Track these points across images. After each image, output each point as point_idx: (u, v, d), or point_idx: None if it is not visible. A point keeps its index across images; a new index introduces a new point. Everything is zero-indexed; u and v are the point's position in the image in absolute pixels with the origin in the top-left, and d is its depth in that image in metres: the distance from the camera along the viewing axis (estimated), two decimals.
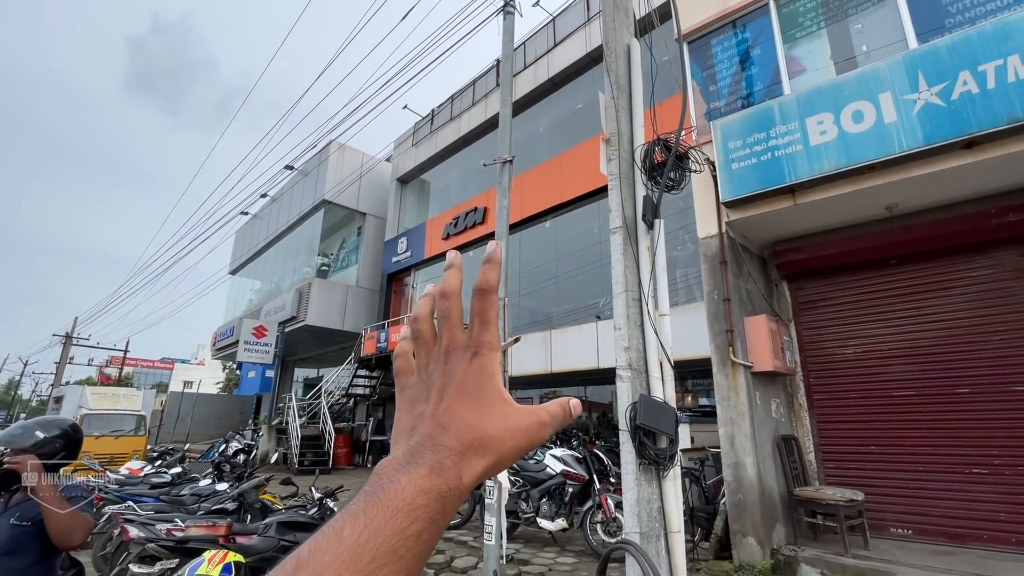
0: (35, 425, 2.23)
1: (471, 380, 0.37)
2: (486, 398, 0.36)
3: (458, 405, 0.36)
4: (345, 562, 0.26)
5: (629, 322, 3.38)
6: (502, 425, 0.36)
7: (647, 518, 3.04)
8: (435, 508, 0.30)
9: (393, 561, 0.27)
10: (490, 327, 0.38)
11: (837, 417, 5.82)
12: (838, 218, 5.70)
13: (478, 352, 0.37)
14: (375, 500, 0.29)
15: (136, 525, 5.24)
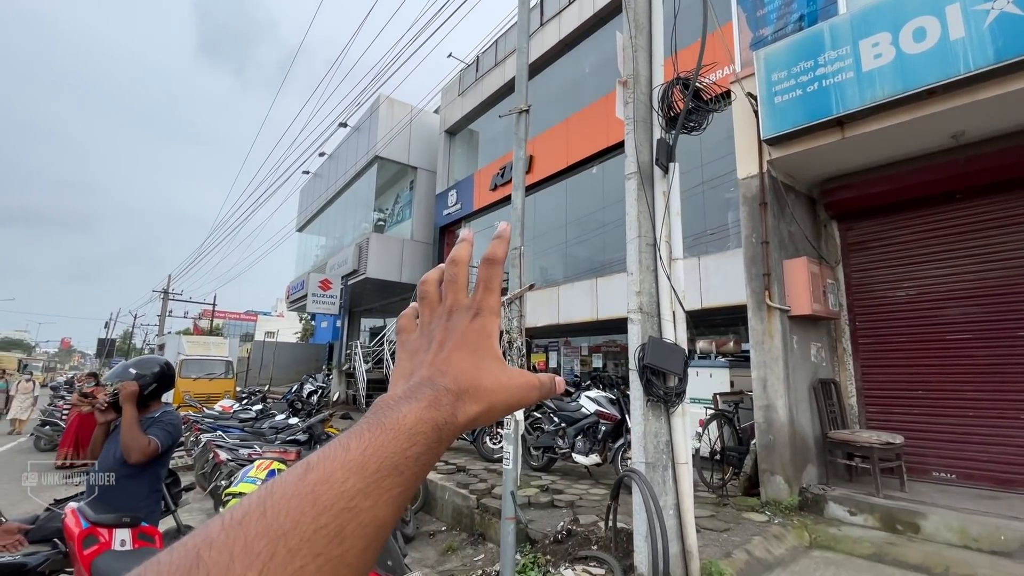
0: (131, 364, 2.75)
1: (471, 337, 0.39)
2: (483, 354, 0.39)
3: (457, 355, 0.38)
4: (352, 468, 0.28)
5: (642, 267, 3.45)
6: (496, 379, 0.39)
7: (653, 450, 3.24)
8: (432, 436, 0.32)
9: (395, 475, 0.29)
10: (493, 293, 0.41)
11: (883, 361, 5.62)
12: (894, 151, 5.27)
13: (479, 313, 0.40)
14: (379, 423, 0.32)
15: (225, 450, 6.14)
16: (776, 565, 3.85)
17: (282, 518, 0.25)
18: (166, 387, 2.74)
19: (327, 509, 0.26)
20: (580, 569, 3.42)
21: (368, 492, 0.28)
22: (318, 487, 0.27)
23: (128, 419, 2.48)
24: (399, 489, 0.29)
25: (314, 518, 0.25)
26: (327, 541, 0.25)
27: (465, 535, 5.14)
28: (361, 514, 0.27)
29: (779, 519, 4.60)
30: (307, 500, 0.26)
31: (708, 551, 3.74)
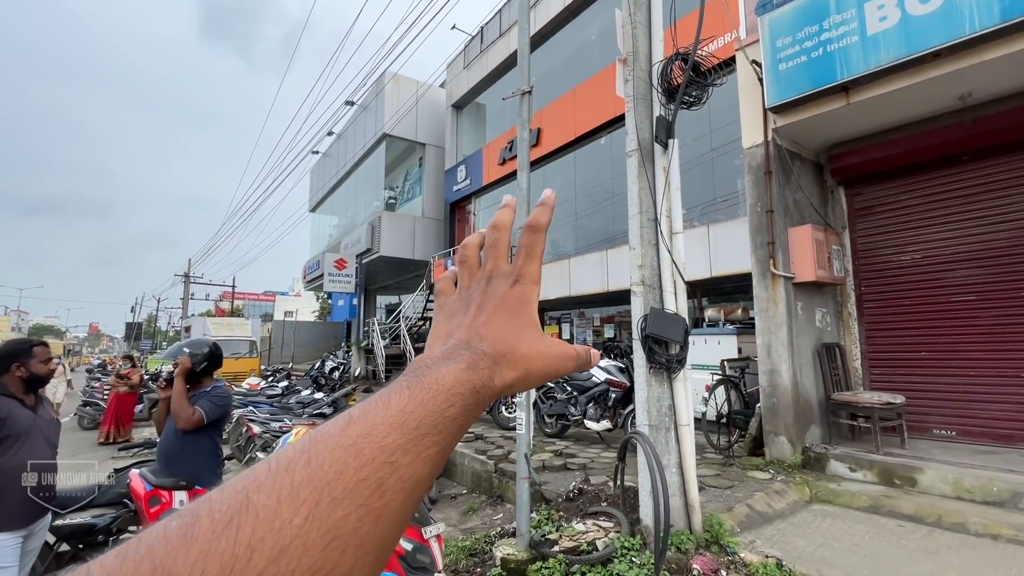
0: (185, 344, 3.04)
1: (510, 302, 0.39)
2: (522, 320, 0.39)
3: (495, 320, 0.38)
4: (393, 424, 0.28)
5: (643, 241, 3.60)
6: (534, 347, 0.38)
7: (656, 413, 3.46)
8: (469, 398, 0.33)
9: (434, 433, 0.29)
10: (535, 261, 0.41)
11: (887, 324, 5.73)
12: (901, 115, 5.25)
13: (520, 280, 0.40)
14: (418, 381, 0.32)
15: (257, 424, 6.55)
16: (776, 518, 4.11)
17: (326, 467, 0.26)
18: (215, 365, 3.03)
19: (369, 462, 0.27)
20: (591, 523, 3.71)
21: (408, 449, 0.28)
22: (360, 440, 0.27)
23: (177, 391, 2.77)
24: (436, 448, 0.30)
25: (356, 470, 0.26)
26: (368, 493, 0.26)
27: (484, 497, 5.49)
28: (401, 469, 0.27)
29: (782, 477, 4.83)
30: (350, 452, 0.27)
31: (711, 505, 4.00)
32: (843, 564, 3.26)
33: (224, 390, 3.04)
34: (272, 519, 0.23)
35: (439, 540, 2.34)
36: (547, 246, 2.10)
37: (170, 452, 2.89)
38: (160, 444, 2.97)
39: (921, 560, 3.31)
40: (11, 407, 2.61)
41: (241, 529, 0.22)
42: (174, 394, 2.80)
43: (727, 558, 3.24)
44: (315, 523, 0.24)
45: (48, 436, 2.76)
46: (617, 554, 3.15)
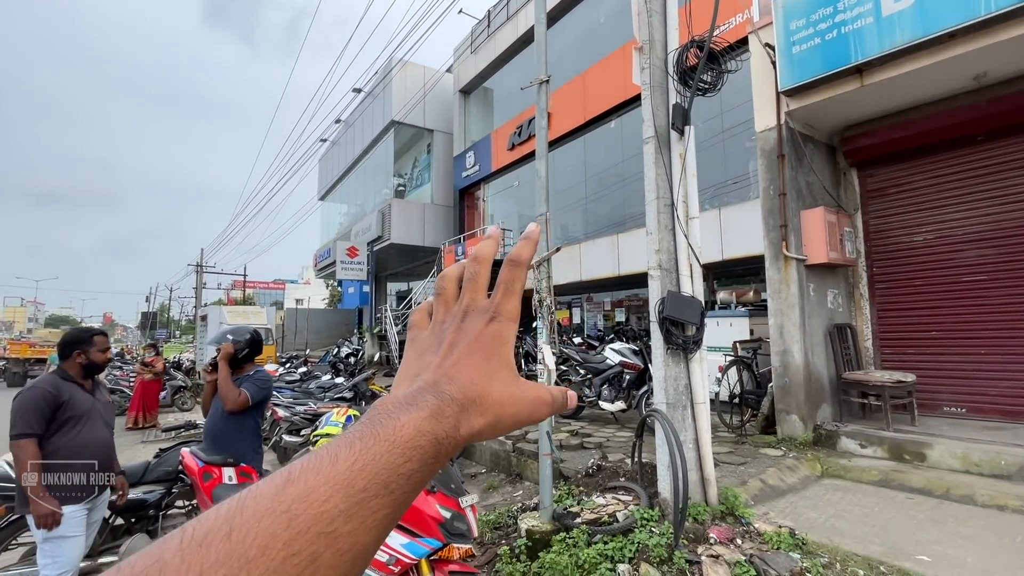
0: (228, 332, 3.22)
1: (484, 342, 0.36)
2: (496, 362, 0.36)
3: (467, 361, 0.35)
4: (337, 485, 0.25)
5: (660, 227, 3.71)
6: (506, 391, 0.35)
7: (673, 392, 3.60)
8: (430, 451, 0.30)
9: (383, 495, 0.27)
10: (513, 297, 0.38)
11: (899, 305, 5.81)
12: (915, 96, 5.26)
13: (496, 318, 0.37)
14: (372, 432, 0.29)
15: (282, 408, 6.78)
16: (788, 491, 4.26)
17: (248, 541, 0.22)
18: (256, 351, 3.21)
19: (303, 532, 0.24)
20: (610, 497, 3.88)
21: (351, 514, 0.25)
22: (295, 505, 0.24)
23: (223, 375, 2.96)
24: (385, 511, 0.27)
25: (287, 543, 0.23)
26: (298, 571, 0.23)
27: (503, 476, 5.69)
28: (340, 540, 0.24)
29: (793, 454, 4.98)
30: (281, 521, 0.24)
31: (725, 480, 4.16)
32: (854, 533, 3.42)
33: (266, 374, 3.22)
34: None
35: (474, 510, 2.51)
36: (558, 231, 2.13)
37: (216, 431, 3.08)
38: (207, 424, 3.17)
39: (929, 529, 3.46)
40: (72, 391, 2.80)
41: None
42: (220, 378, 2.98)
43: (742, 528, 3.40)
44: None
45: (105, 417, 2.96)
46: (637, 525, 3.32)
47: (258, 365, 3.28)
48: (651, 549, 3.04)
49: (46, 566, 2.65)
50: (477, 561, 3.58)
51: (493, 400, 0.35)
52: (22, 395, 2.74)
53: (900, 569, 2.91)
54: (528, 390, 0.37)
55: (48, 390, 2.74)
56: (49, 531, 2.60)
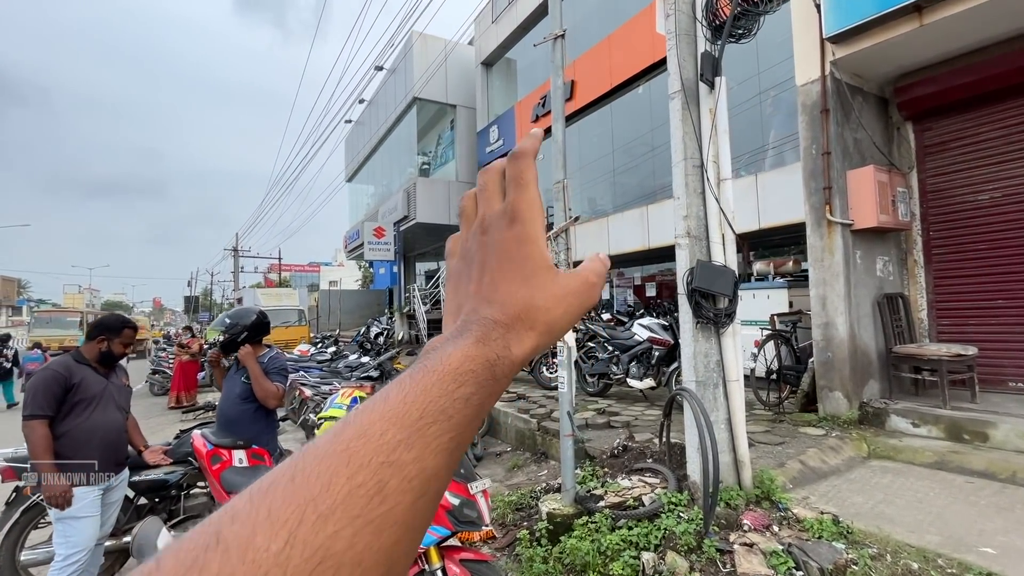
0: (226, 315, 3.16)
1: (511, 249, 0.35)
2: (530, 266, 0.34)
3: (500, 277, 0.34)
4: (390, 419, 0.25)
5: (688, 190, 3.40)
6: (548, 293, 0.34)
7: (704, 369, 3.34)
8: (483, 374, 0.29)
9: (442, 420, 0.26)
10: (526, 190, 0.36)
11: (960, 271, 5.29)
12: (982, 35, 4.66)
13: (515, 217, 0.35)
14: (421, 367, 0.29)
15: (309, 387, 6.84)
16: (831, 474, 3.97)
17: (312, 481, 0.23)
18: (261, 333, 3.13)
19: (363, 466, 0.24)
20: (636, 479, 3.69)
21: (411, 442, 0.25)
22: (353, 443, 0.24)
23: (255, 374, 2.90)
24: (449, 435, 0.27)
25: (349, 477, 0.23)
26: (366, 501, 0.23)
27: (529, 454, 5.57)
28: (405, 467, 0.24)
29: (836, 433, 4.65)
30: (340, 459, 0.24)
31: (761, 462, 3.90)
32: (906, 520, 3.12)
33: (281, 356, 3.15)
34: (244, 551, 0.20)
35: (485, 495, 2.36)
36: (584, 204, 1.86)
37: (229, 416, 3.03)
38: (220, 408, 3.12)
39: (993, 517, 3.13)
40: (84, 373, 2.78)
41: (206, 569, 0.20)
42: (253, 377, 2.95)
43: (779, 514, 3.16)
44: (298, 546, 0.21)
45: (119, 401, 2.94)
46: (664, 509, 3.13)
47: (270, 347, 3.21)
48: (679, 536, 2.85)
49: (59, 545, 2.67)
50: (497, 543, 3.47)
51: (537, 308, 0.33)
52: (35, 376, 2.73)
53: (961, 562, 2.61)
54: (570, 282, 0.35)
55: (59, 371, 2.72)
56: (61, 511, 2.61)
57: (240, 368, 3.08)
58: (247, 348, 2.97)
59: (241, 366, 3.07)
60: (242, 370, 3.06)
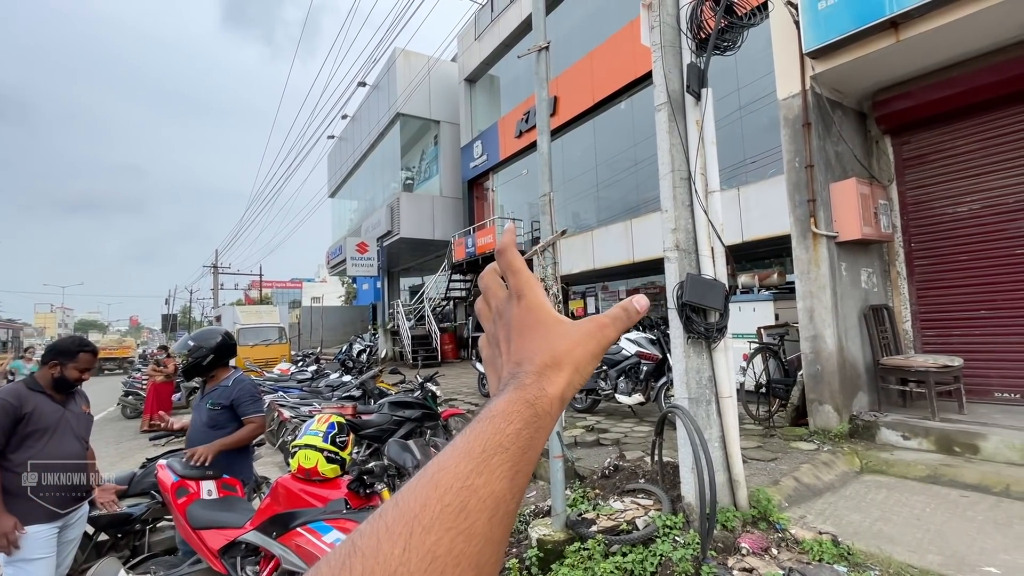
0: (189, 337, 2.97)
1: (524, 318, 0.41)
2: (544, 326, 0.40)
3: (524, 342, 0.40)
4: (461, 455, 0.32)
5: (676, 203, 3.34)
6: (567, 340, 0.39)
7: (696, 386, 3.25)
8: (526, 412, 0.34)
9: (500, 452, 0.32)
10: (519, 274, 0.43)
11: (942, 282, 5.33)
12: (957, 50, 4.76)
13: (519, 295, 0.42)
14: (477, 418, 0.35)
15: (287, 408, 6.59)
16: (825, 490, 3.89)
17: (412, 503, 0.29)
18: (229, 355, 2.95)
19: (448, 490, 0.29)
20: (629, 501, 3.56)
21: (480, 471, 0.31)
22: (437, 475, 0.31)
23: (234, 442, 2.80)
24: (508, 464, 0.32)
25: (438, 499, 0.29)
26: (454, 516, 0.29)
27: None
28: (479, 490, 0.30)
29: (828, 447, 4.59)
30: (430, 486, 0.30)
31: (755, 479, 3.81)
32: (906, 539, 3.04)
33: (247, 380, 2.97)
34: (376, 554, 0.27)
35: None
36: (569, 218, 1.84)
37: (200, 444, 2.84)
38: (188, 438, 2.93)
39: (992, 533, 3.06)
40: (38, 401, 2.57)
41: (353, 568, 0.26)
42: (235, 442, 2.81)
43: (777, 535, 3.05)
44: (413, 551, 0.27)
45: (77, 431, 2.73)
46: (659, 533, 3.00)
47: (234, 368, 3.03)
48: (675, 563, 2.72)
49: None
50: None
51: (560, 352, 0.39)
52: None
53: None
54: (583, 326, 0.41)
55: (8, 400, 2.51)
56: (8, 555, 2.38)
57: (206, 394, 2.90)
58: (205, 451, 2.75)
59: (208, 392, 2.90)
60: (208, 396, 2.88)
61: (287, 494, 2.35)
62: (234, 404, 2.86)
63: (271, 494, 2.41)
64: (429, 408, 5.42)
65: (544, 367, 0.38)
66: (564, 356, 0.38)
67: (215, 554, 2.34)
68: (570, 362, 0.38)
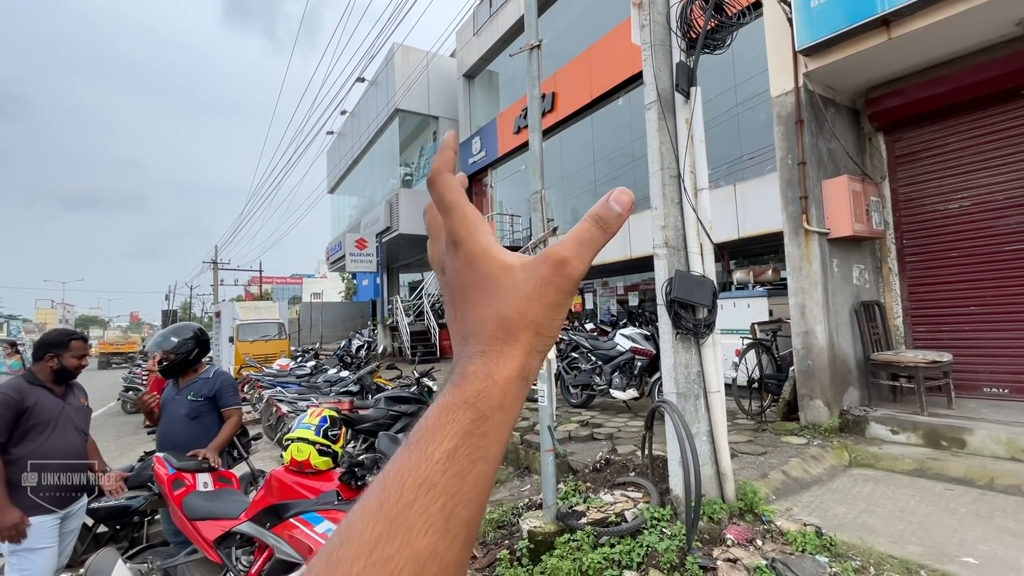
0: (170, 332, 3.04)
1: (465, 273, 0.33)
2: (489, 281, 0.32)
3: (468, 306, 0.32)
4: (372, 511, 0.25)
5: (666, 200, 3.38)
6: (515, 295, 0.31)
7: (684, 380, 3.30)
8: (463, 419, 0.27)
9: (423, 493, 0.25)
10: (453, 209, 0.34)
11: (933, 279, 5.38)
12: (949, 48, 4.78)
13: (456, 242, 0.33)
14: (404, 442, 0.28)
15: (285, 403, 6.66)
16: (813, 484, 3.95)
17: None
18: (208, 348, 3.05)
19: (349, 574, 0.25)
20: (619, 494, 3.62)
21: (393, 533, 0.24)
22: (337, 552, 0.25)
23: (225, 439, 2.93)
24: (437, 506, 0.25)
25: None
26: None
27: (512, 469, 5.47)
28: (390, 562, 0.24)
29: (818, 441, 4.65)
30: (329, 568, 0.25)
31: (744, 473, 3.87)
32: (888, 531, 3.10)
33: (227, 373, 3.10)
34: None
35: None
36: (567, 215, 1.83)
37: (182, 438, 2.92)
38: (166, 434, 2.99)
39: (973, 525, 3.12)
40: (39, 395, 2.63)
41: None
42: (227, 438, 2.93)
43: (762, 527, 3.11)
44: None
45: (77, 423, 2.79)
46: (647, 525, 3.06)
47: (210, 363, 3.15)
48: (661, 553, 2.78)
49: None
50: (478, 563, 3.36)
51: (510, 317, 0.30)
52: None
53: (944, 573, 2.59)
54: (536, 268, 0.31)
55: (10, 395, 2.57)
56: (17, 544, 2.45)
57: (184, 388, 2.98)
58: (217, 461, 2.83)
59: (186, 385, 2.98)
60: (188, 388, 2.96)
61: (280, 486, 2.41)
62: (217, 396, 2.95)
63: (265, 486, 2.47)
64: (425, 403, 5.48)
65: (493, 339, 0.30)
66: (516, 320, 0.30)
67: (211, 544, 2.40)
68: (525, 325, 0.30)
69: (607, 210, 0.32)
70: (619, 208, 0.32)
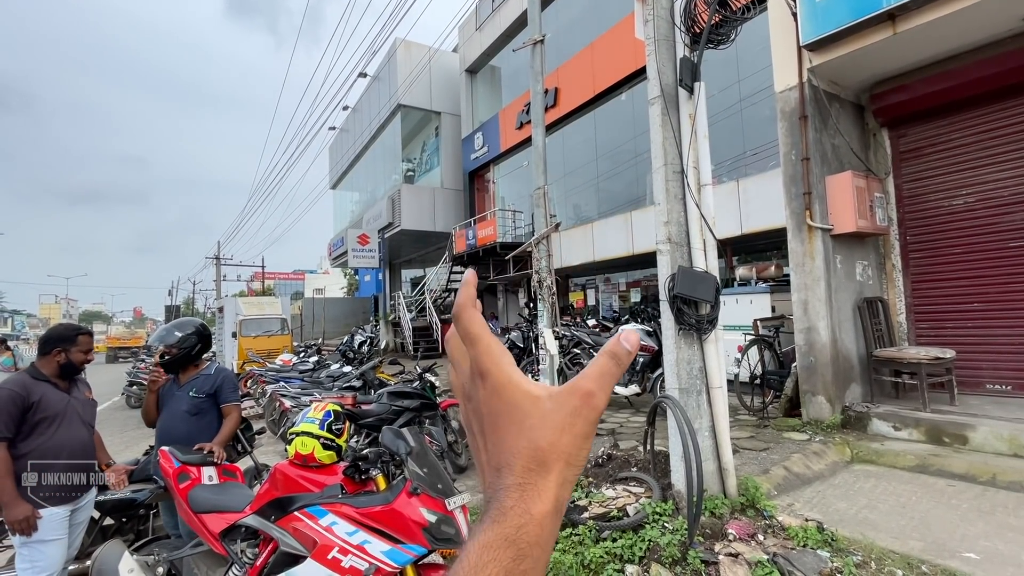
0: (173, 326, 3.06)
1: (493, 403, 0.34)
2: (518, 411, 0.33)
3: (498, 437, 0.34)
4: None
5: (669, 196, 3.38)
6: (547, 426, 0.32)
7: (686, 376, 3.31)
8: (504, 556, 0.28)
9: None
10: (478, 341, 0.35)
11: (936, 275, 5.36)
12: (954, 43, 4.75)
13: (481, 373, 0.35)
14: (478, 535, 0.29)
15: (288, 399, 6.69)
16: (815, 479, 3.96)
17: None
18: (206, 346, 3.06)
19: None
20: (621, 489, 3.63)
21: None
22: None
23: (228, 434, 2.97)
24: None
25: None
26: None
27: None
28: None
29: (820, 437, 4.65)
30: None
31: (746, 468, 3.88)
32: (889, 526, 3.11)
33: (228, 369, 3.12)
34: None
35: (464, 511, 2.29)
36: (570, 211, 1.82)
37: (182, 434, 2.94)
38: (167, 429, 3.00)
39: (975, 521, 3.13)
40: (44, 390, 2.65)
41: None
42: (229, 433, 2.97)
43: (764, 522, 3.12)
44: None
45: (84, 416, 2.81)
46: (649, 520, 3.07)
47: (210, 360, 3.18)
48: (663, 548, 2.79)
49: (24, 571, 2.53)
50: None
51: (542, 449, 0.31)
52: None
53: (945, 569, 2.60)
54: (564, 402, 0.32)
55: (15, 390, 2.59)
56: (27, 536, 2.48)
57: (185, 384, 3.00)
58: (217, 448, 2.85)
59: (188, 381, 3.00)
60: (190, 384, 2.98)
61: (285, 479, 2.43)
62: (218, 392, 2.97)
63: (270, 479, 2.49)
64: (427, 398, 5.49)
65: (527, 472, 0.31)
66: (548, 450, 0.31)
67: (216, 537, 2.42)
68: (557, 456, 0.31)
69: (620, 348, 0.34)
70: (628, 346, 0.35)
